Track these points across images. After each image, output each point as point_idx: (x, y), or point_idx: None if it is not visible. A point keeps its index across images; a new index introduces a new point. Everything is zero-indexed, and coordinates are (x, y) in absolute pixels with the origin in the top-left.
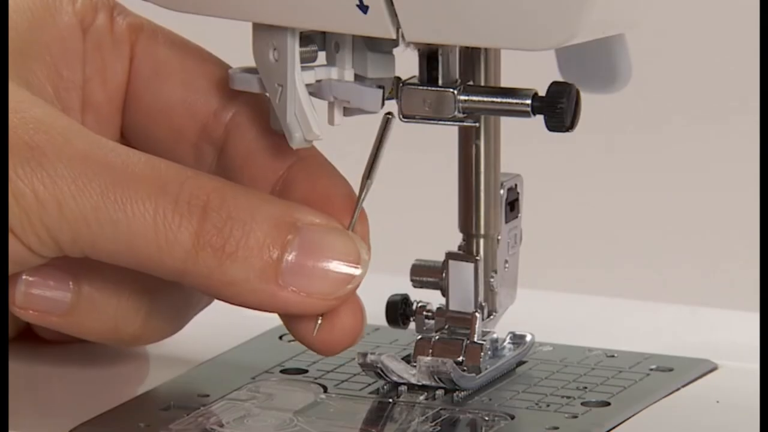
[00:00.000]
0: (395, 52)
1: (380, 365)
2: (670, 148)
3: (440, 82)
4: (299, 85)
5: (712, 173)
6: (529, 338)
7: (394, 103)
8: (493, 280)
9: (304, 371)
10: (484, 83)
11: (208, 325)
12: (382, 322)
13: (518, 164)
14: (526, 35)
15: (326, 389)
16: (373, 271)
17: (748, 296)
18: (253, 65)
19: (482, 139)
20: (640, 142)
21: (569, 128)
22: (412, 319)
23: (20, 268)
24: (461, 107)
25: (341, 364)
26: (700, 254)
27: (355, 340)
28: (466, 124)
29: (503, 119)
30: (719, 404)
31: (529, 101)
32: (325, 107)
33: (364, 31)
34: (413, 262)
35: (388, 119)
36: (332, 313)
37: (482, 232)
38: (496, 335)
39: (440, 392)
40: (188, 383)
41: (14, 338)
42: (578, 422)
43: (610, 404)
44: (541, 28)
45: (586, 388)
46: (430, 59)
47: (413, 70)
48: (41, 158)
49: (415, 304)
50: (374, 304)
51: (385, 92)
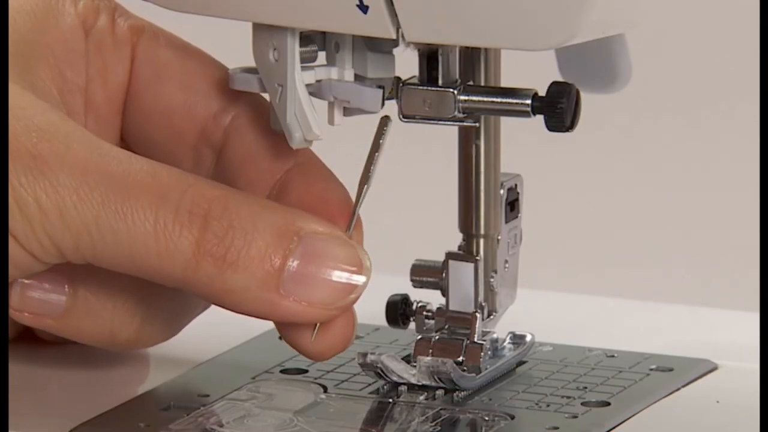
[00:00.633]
0: (395, 52)
1: (380, 365)
2: (670, 148)
3: (440, 82)
4: (299, 85)
5: (712, 173)
6: (529, 338)
7: (394, 103)
8: (493, 280)
9: (304, 371)
10: (484, 83)
11: (208, 324)
12: (382, 322)
13: (518, 164)
14: (526, 35)
15: (326, 389)
16: (373, 271)
17: (748, 296)
18: (253, 65)
19: (482, 139)
20: (640, 142)
21: (569, 128)
22: (412, 319)
23: (23, 274)
24: (461, 107)
25: (341, 364)
26: (700, 254)
27: (346, 345)
28: (466, 124)
29: (503, 119)
30: (719, 404)
31: (529, 101)
32: (325, 107)
33: (364, 31)
34: (413, 262)
35: (385, 123)
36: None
37: (482, 232)
38: (496, 335)
39: (440, 392)
40: (188, 383)
41: (14, 339)
42: (578, 422)
43: (610, 404)
44: (541, 28)
45: (586, 388)
46: (430, 59)
47: (413, 70)
48: (43, 167)
49: (415, 304)
50: (374, 304)
51: (385, 92)
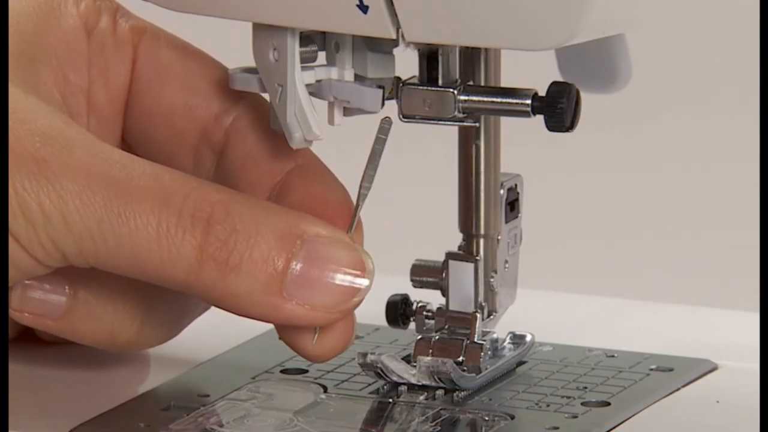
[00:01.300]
0: (395, 52)
1: (380, 365)
2: (670, 148)
3: (440, 82)
4: (299, 85)
5: (712, 173)
6: (529, 338)
7: (394, 103)
8: (493, 280)
9: (304, 371)
10: (484, 83)
11: (208, 324)
12: (382, 322)
13: (518, 164)
14: (526, 35)
15: (326, 389)
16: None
17: (748, 296)
18: (253, 65)
19: (482, 139)
20: (640, 142)
21: (569, 128)
22: (412, 319)
23: (26, 277)
24: (461, 107)
25: (341, 364)
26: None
27: (346, 347)
28: (466, 124)
29: (503, 119)
30: (719, 404)
31: (529, 101)
32: (325, 107)
33: (364, 31)
34: (413, 262)
35: (386, 124)
36: None
37: (482, 232)
38: (496, 335)
39: (440, 392)
40: (188, 383)
41: (14, 339)
42: (578, 422)
43: (610, 404)
44: (541, 28)
45: (586, 388)
46: (430, 59)
47: (413, 70)
48: (47, 171)
49: (415, 304)
50: (374, 304)
51: (385, 92)
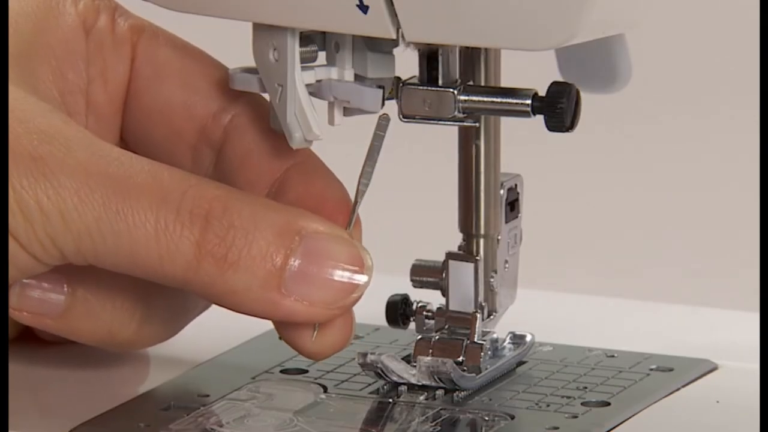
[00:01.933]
0: (395, 52)
1: (380, 365)
2: (670, 147)
3: (440, 82)
4: (299, 85)
5: (712, 173)
6: (529, 338)
7: (394, 103)
8: (493, 280)
9: (304, 371)
10: (484, 83)
11: (208, 324)
12: (382, 322)
13: (518, 164)
14: (526, 35)
15: (326, 389)
16: (373, 270)
17: (748, 296)
18: (253, 65)
19: (482, 139)
20: (640, 142)
21: (569, 128)
22: (412, 319)
23: (24, 275)
24: (461, 107)
25: (341, 364)
26: (700, 254)
27: (345, 344)
28: (466, 124)
29: (503, 119)
30: (719, 404)
31: (529, 101)
32: (325, 107)
33: (364, 31)
34: (413, 262)
35: (383, 120)
36: None
37: (482, 232)
38: (496, 335)
39: (440, 392)
40: (188, 383)
41: (14, 339)
42: (578, 422)
43: (610, 404)
44: (541, 28)
45: (586, 388)
46: (430, 59)
47: (413, 70)
48: (45, 169)
49: (415, 304)
50: (374, 304)
51: (385, 92)
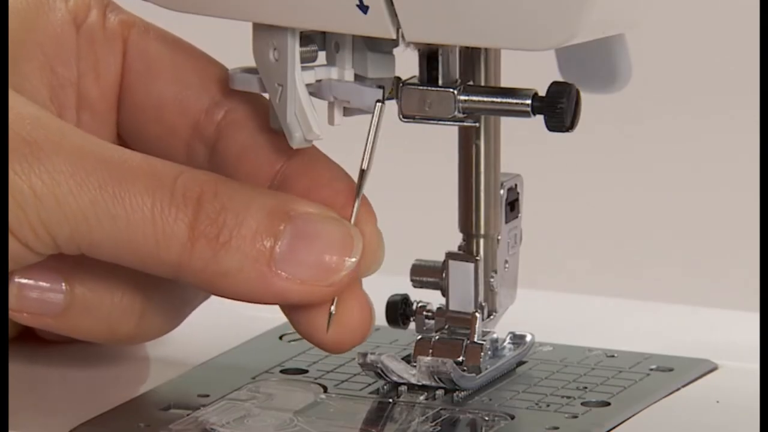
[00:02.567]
0: (395, 52)
1: (380, 365)
2: (670, 148)
3: (440, 82)
4: (299, 85)
5: (712, 173)
6: (529, 338)
7: (394, 103)
8: (493, 280)
9: (304, 371)
10: (484, 83)
11: (208, 325)
12: (382, 322)
13: (518, 164)
14: (526, 35)
15: (326, 389)
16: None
17: (748, 296)
18: (253, 65)
19: (482, 139)
20: (640, 142)
21: (569, 128)
22: (412, 319)
23: (15, 265)
24: (461, 107)
25: (341, 364)
26: (700, 254)
27: (363, 337)
28: (466, 124)
29: (503, 119)
30: (719, 404)
31: (529, 101)
32: (325, 107)
33: (364, 31)
34: (413, 262)
35: (379, 107)
36: (341, 309)
37: (482, 232)
38: (496, 335)
39: (440, 392)
40: (188, 383)
41: (14, 338)
42: (578, 422)
43: (610, 404)
44: (541, 28)
45: (586, 388)
46: (430, 59)
47: (413, 70)
48: (39, 153)
49: (415, 304)
50: (374, 304)
51: (385, 92)
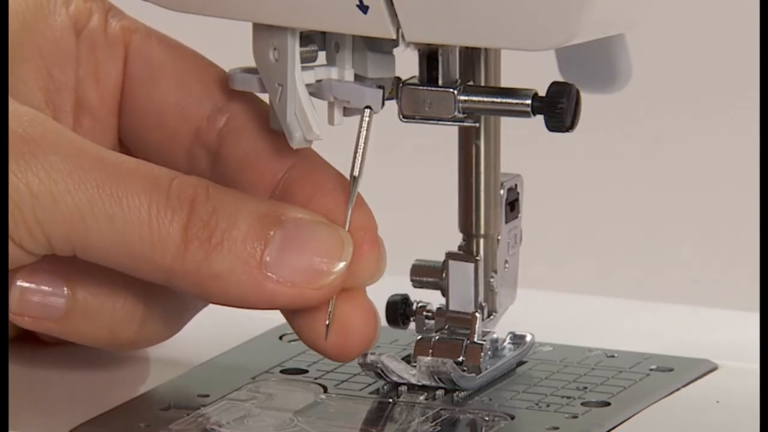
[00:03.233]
0: (395, 52)
1: (380, 365)
2: (670, 147)
3: (440, 82)
4: (299, 85)
5: (712, 173)
6: (529, 338)
7: (393, 103)
8: (493, 280)
9: (304, 371)
10: (484, 83)
11: (208, 325)
12: (382, 322)
13: (518, 164)
14: (526, 35)
15: (326, 389)
16: None
17: (748, 296)
18: (253, 65)
19: (482, 139)
20: (639, 142)
21: (569, 128)
22: (412, 319)
23: (9, 266)
24: (461, 107)
25: (341, 364)
26: (700, 254)
27: (369, 344)
28: (466, 124)
29: (503, 119)
30: (719, 404)
31: (529, 101)
32: (325, 107)
33: (364, 31)
34: (413, 262)
35: (368, 113)
36: (343, 317)
37: (482, 232)
38: (496, 335)
39: (440, 392)
40: (188, 383)
41: (14, 339)
42: (578, 422)
43: (610, 404)
44: (541, 28)
45: (586, 388)
46: (430, 59)
47: (413, 70)
48: (36, 150)
49: (415, 304)
50: (374, 304)
51: (385, 92)
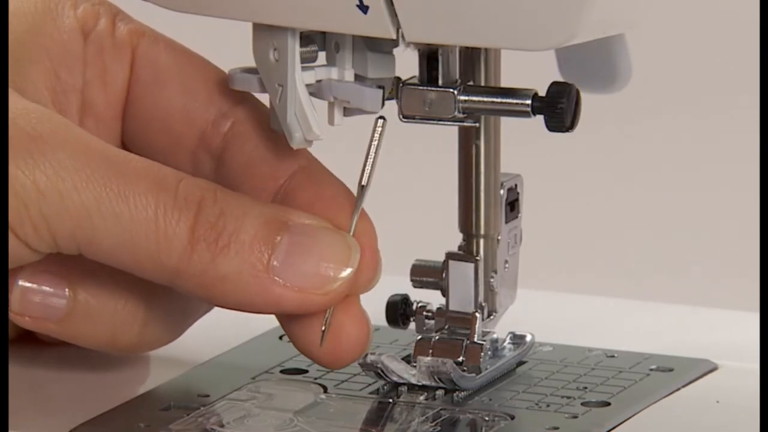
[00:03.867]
0: (395, 52)
1: (380, 365)
2: (670, 147)
3: (440, 82)
4: (299, 85)
5: (712, 173)
6: (529, 338)
7: (393, 103)
8: (493, 280)
9: (304, 371)
10: (484, 83)
11: (208, 325)
12: (382, 322)
13: (518, 164)
14: (526, 35)
15: (326, 389)
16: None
17: (748, 296)
18: (253, 65)
19: (482, 139)
20: (639, 142)
21: (569, 128)
22: (412, 319)
23: (12, 264)
24: (461, 107)
25: None
26: (700, 254)
27: (361, 351)
28: (466, 124)
29: (503, 119)
30: (719, 404)
31: (529, 101)
32: (325, 107)
33: (364, 31)
34: (413, 262)
35: (380, 123)
36: (337, 324)
37: (482, 232)
38: (496, 335)
39: (440, 392)
40: (188, 383)
41: (15, 339)
42: (578, 422)
43: (610, 404)
44: (541, 28)
45: (586, 388)
46: (430, 59)
47: (413, 70)
48: (44, 147)
49: (415, 304)
50: (374, 304)
51: (385, 92)
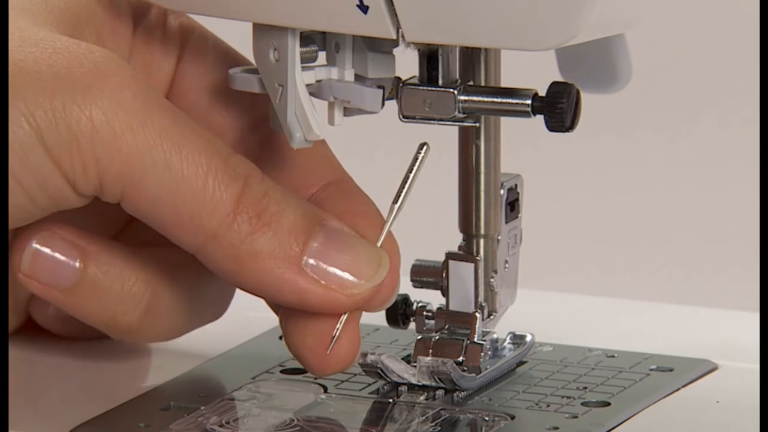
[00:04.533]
0: (395, 52)
1: (380, 365)
2: (670, 148)
3: (440, 82)
4: (299, 85)
5: (712, 173)
6: (529, 338)
7: (394, 103)
8: (493, 280)
9: (304, 371)
10: (484, 83)
11: (208, 325)
12: (382, 322)
13: (518, 164)
14: (526, 35)
15: (326, 389)
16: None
17: (748, 296)
18: (253, 65)
19: (482, 139)
20: (640, 142)
21: (569, 128)
22: (412, 319)
23: (53, 204)
24: (461, 107)
25: None
26: (700, 254)
27: (347, 366)
28: (466, 124)
29: (503, 119)
30: (719, 404)
31: (529, 101)
32: (325, 107)
33: (364, 31)
34: (413, 262)
35: (422, 149)
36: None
37: (482, 232)
38: (496, 335)
39: (440, 392)
40: (188, 383)
41: (15, 331)
42: (578, 422)
43: (610, 404)
44: (541, 28)
45: (586, 388)
46: (430, 59)
47: (413, 70)
48: (104, 84)
49: (415, 304)
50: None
51: (385, 92)
